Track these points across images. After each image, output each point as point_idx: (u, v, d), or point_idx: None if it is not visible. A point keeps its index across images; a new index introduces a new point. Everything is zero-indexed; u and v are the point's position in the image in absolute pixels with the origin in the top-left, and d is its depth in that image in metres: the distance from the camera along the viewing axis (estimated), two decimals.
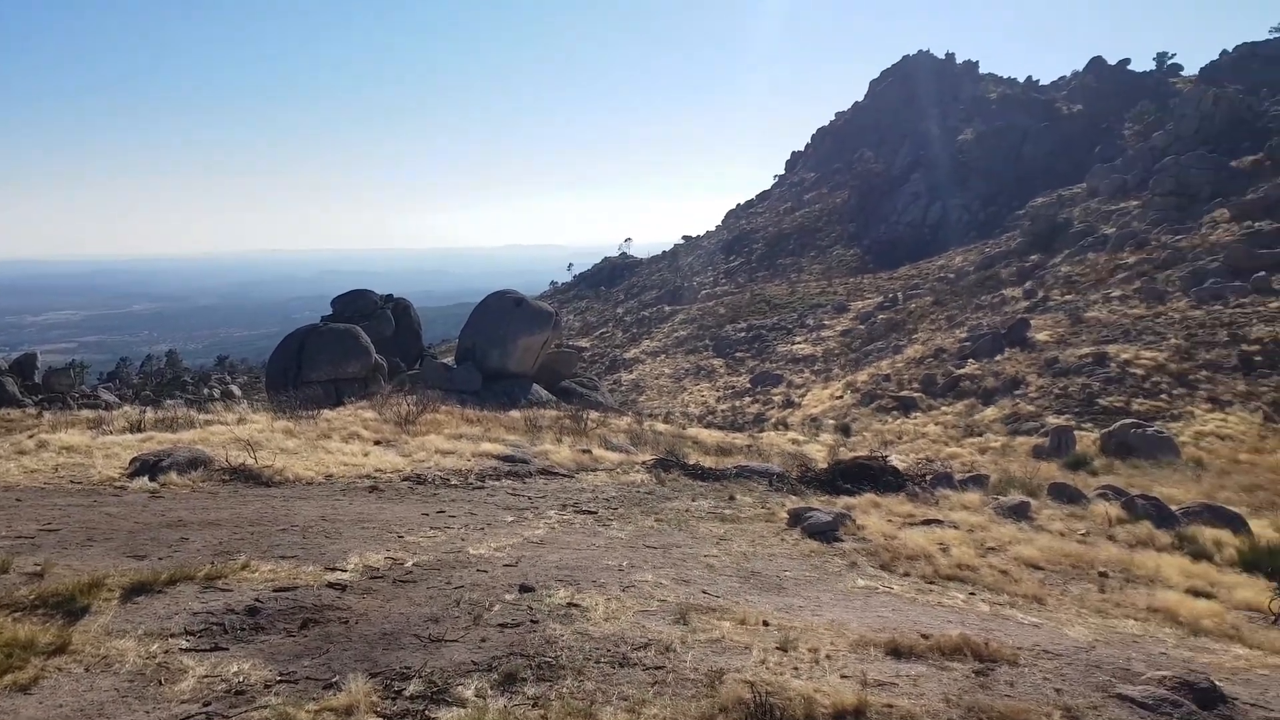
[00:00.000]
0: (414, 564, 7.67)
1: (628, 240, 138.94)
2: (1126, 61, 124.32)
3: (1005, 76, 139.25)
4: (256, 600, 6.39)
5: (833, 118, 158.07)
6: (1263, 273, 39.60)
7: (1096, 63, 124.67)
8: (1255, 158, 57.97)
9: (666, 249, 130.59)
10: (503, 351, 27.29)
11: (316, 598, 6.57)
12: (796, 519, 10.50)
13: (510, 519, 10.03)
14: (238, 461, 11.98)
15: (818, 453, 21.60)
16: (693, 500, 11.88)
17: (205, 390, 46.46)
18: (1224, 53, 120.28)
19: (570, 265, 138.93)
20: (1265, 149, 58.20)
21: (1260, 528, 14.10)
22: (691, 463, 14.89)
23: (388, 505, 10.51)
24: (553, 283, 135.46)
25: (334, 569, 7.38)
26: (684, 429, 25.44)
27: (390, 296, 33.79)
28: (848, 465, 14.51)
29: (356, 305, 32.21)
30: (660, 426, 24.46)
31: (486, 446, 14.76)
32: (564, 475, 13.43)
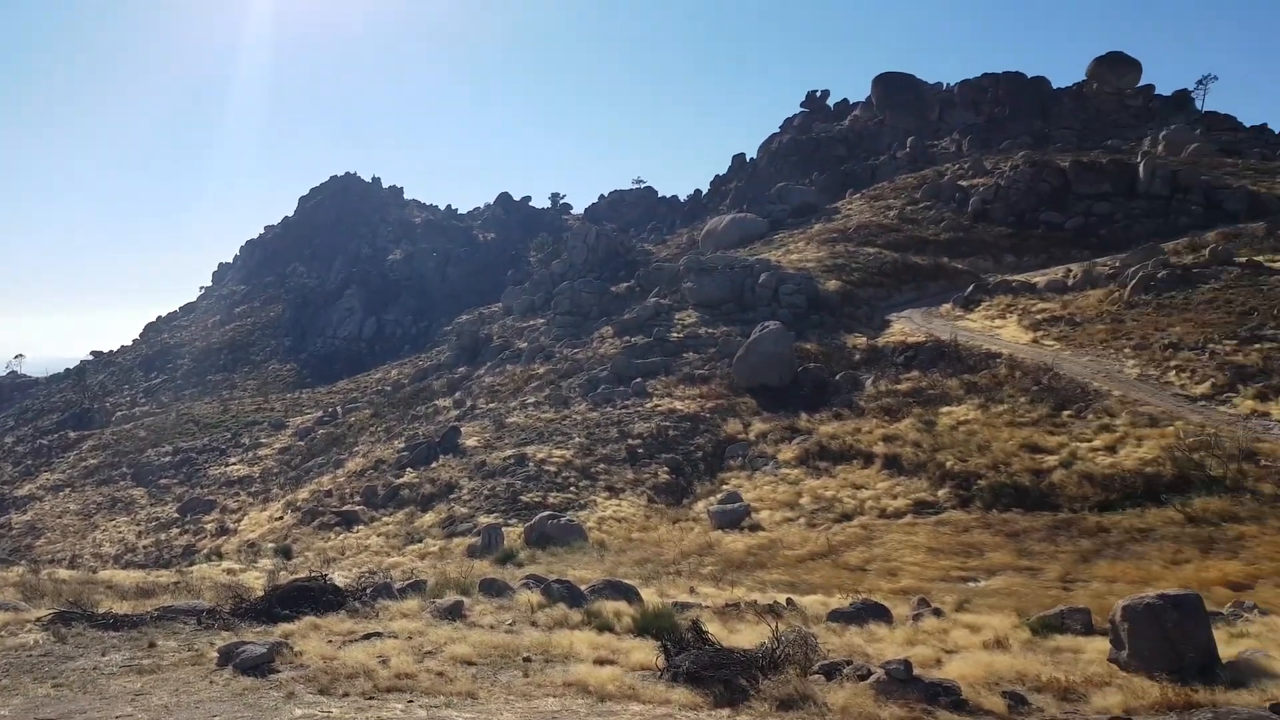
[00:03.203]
0: None
1: (18, 357, 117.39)
2: (528, 198, 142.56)
3: (428, 203, 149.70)
4: None
5: (262, 230, 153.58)
6: (639, 379, 47.87)
7: (504, 197, 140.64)
8: (628, 283, 70.31)
9: (72, 365, 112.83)
10: None
11: None
12: (228, 656, 9.85)
13: None
14: None
15: (256, 580, 20.33)
16: (103, 655, 10.42)
17: None
18: (601, 196, 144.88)
19: None
20: (635, 277, 71.00)
21: (649, 595, 16.76)
22: (102, 612, 13.02)
23: None
24: None
25: None
26: (95, 573, 22.06)
27: None
28: (286, 590, 13.99)
29: None
30: (63, 574, 20.91)
31: None
32: None
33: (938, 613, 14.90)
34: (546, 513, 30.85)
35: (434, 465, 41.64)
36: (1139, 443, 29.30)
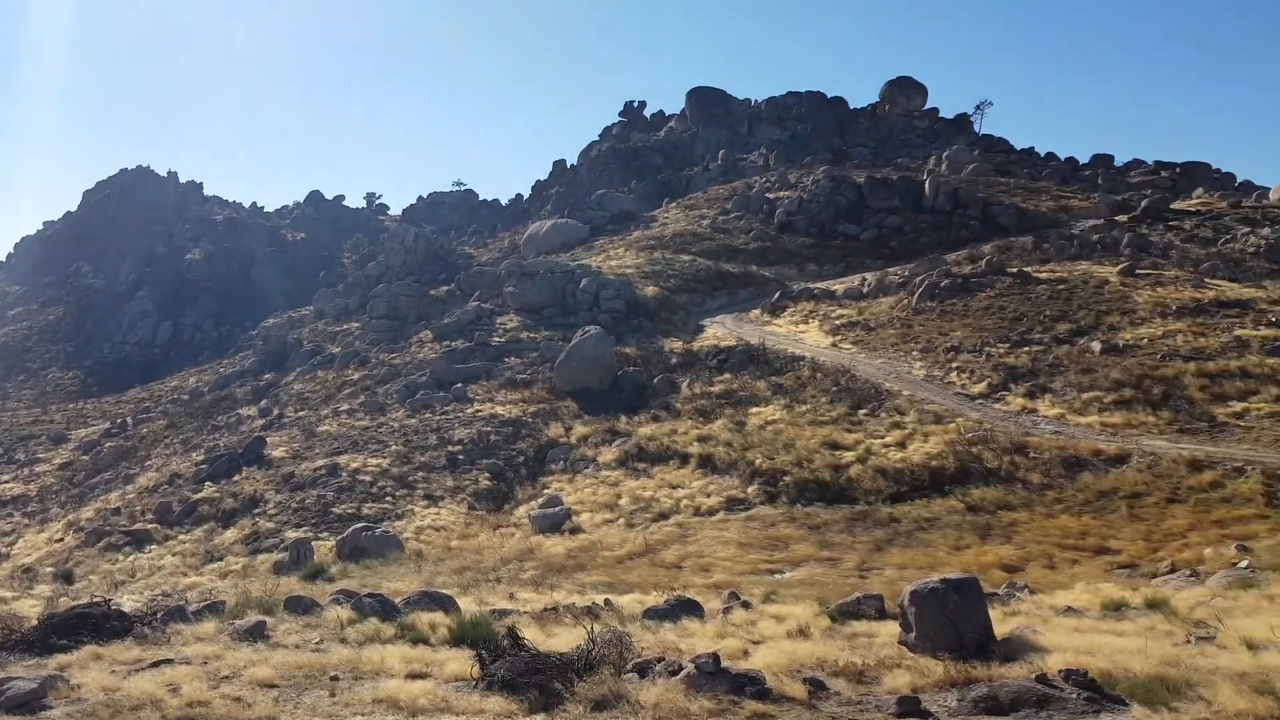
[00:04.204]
0: None
1: None
2: (341, 197, 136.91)
3: (231, 200, 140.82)
4: None
5: (40, 226, 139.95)
6: (460, 384, 47.08)
7: (315, 196, 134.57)
8: (448, 287, 69.00)
9: None
10: None
11: None
12: None
13: None
14: None
15: (32, 609, 18.45)
16: None
17: None
18: (420, 198, 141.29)
19: None
20: (455, 281, 69.77)
21: (467, 604, 16.52)
22: None
23: None
24: None
25: None
26: None
27: None
28: (64, 617, 12.81)
29: None
30: None
31: None
32: None
33: (746, 605, 15.56)
34: (360, 524, 29.79)
35: (237, 478, 39.26)
36: (926, 438, 31.74)
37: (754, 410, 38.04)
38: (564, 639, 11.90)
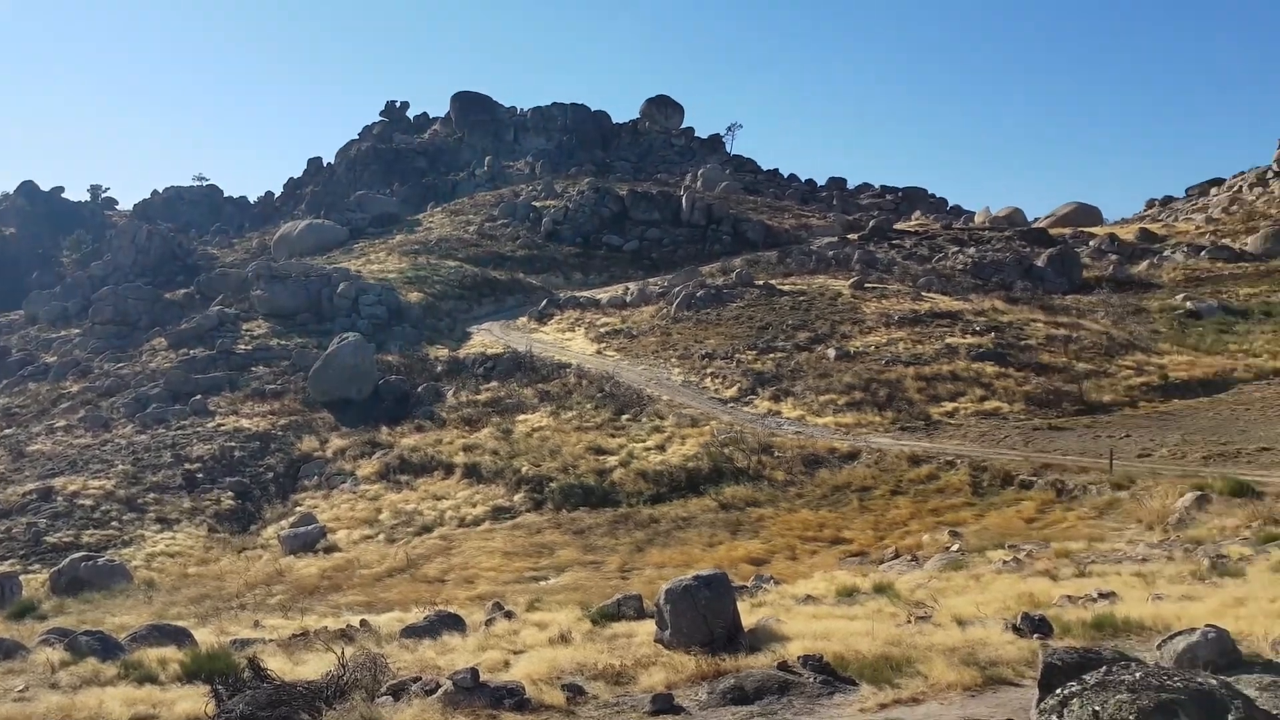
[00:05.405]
0: None
1: None
2: (61, 189, 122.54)
3: None
4: None
5: None
6: (199, 395, 43.51)
7: (28, 186, 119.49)
8: (188, 290, 63.64)
9: None
10: None
11: None
12: None
13: None
14: None
15: None
16: None
17: None
18: (155, 192, 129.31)
19: None
20: (196, 283, 64.46)
21: (205, 636, 15.28)
22: None
23: None
24: None
25: None
26: None
27: None
28: None
29: None
30: None
31: None
32: None
33: (510, 615, 15.48)
34: (80, 554, 26.78)
35: None
36: (683, 441, 33.14)
37: (521, 417, 38.03)
38: (314, 666, 11.30)
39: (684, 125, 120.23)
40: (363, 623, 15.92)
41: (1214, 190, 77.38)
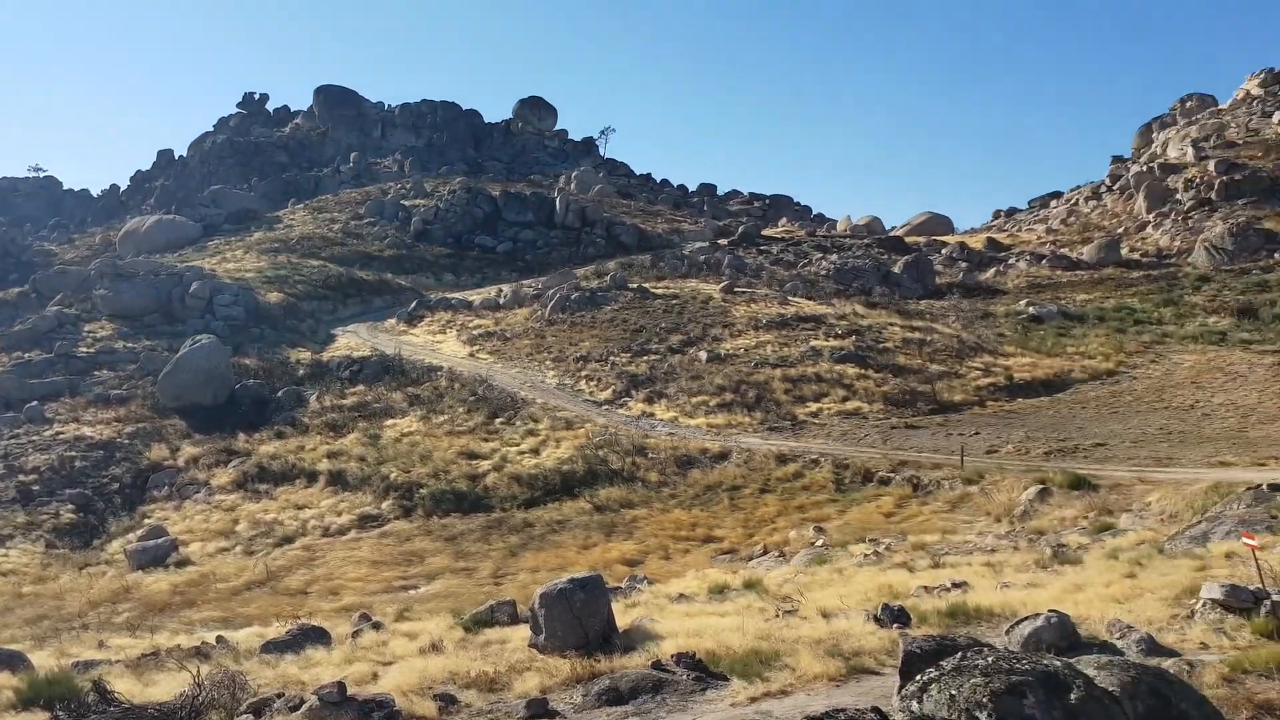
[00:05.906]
0: None
1: None
2: None
3: None
4: None
5: None
6: (36, 402, 40.43)
7: None
8: (21, 289, 59.09)
9: None
10: None
11: None
12: None
13: None
14: None
15: None
16: None
17: None
18: None
19: None
20: (31, 281, 59.92)
21: (43, 659, 14.26)
22: None
23: None
24: None
25: None
26: None
27: None
28: None
29: None
30: None
31: None
32: None
33: (378, 626, 15.06)
34: None
35: None
36: (558, 444, 33.05)
37: (390, 422, 37.05)
38: (166, 686, 10.71)
39: (557, 127, 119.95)
40: (219, 639, 15.16)
41: (1054, 203, 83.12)
